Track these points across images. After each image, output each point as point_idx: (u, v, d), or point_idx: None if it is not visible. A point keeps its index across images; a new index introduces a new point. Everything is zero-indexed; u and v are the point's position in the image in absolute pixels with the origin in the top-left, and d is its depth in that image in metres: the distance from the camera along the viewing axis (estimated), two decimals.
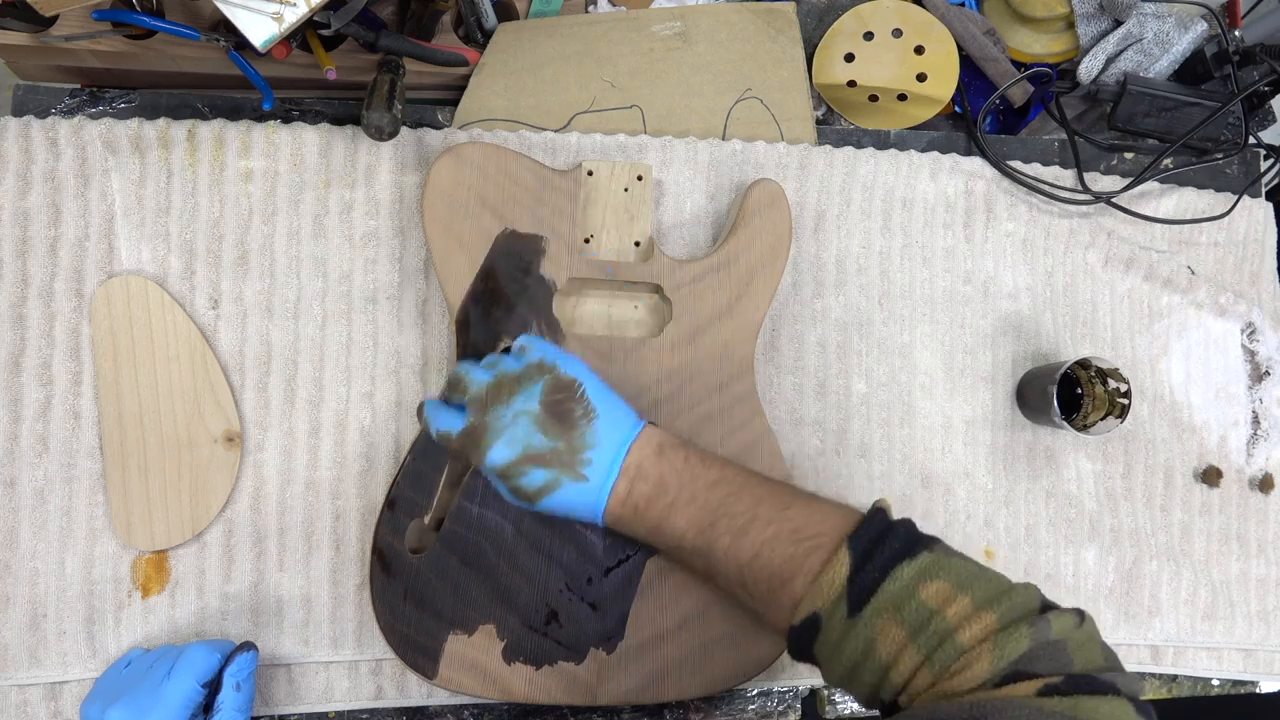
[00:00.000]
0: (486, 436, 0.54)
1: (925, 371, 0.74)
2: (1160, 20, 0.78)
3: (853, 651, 0.48)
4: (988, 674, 0.42)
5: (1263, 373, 0.81)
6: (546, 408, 0.54)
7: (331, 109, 0.72)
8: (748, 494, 0.54)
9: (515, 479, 0.54)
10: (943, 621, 0.45)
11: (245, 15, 0.54)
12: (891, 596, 0.47)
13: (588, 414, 0.55)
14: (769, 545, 0.51)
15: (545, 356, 0.56)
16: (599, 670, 0.62)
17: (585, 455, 0.54)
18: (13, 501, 0.63)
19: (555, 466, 0.54)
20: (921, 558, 0.48)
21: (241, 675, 0.57)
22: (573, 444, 0.54)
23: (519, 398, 0.55)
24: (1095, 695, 0.41)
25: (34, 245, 0.65)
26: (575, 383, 0.56)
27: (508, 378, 0.56)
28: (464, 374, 0.57)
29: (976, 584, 0.46)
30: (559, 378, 0.56)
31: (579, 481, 0.54)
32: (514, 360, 0.57)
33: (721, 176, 0.73)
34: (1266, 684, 0.79)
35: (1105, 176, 0.81)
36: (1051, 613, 0.45)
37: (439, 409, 0.58)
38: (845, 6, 0.78)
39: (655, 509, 0.54)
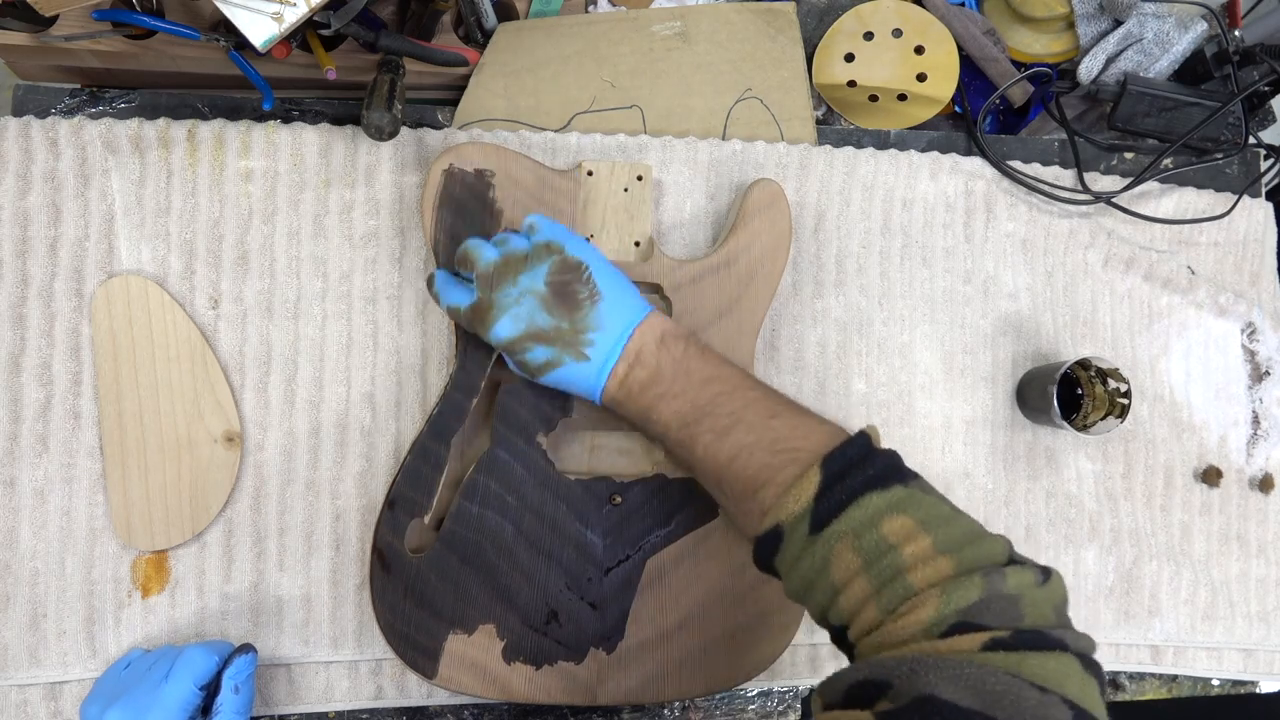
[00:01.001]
0: (492, 313, 0.56)
1: (925, 371, 0.74)
2: (1160, 20, 0.78)
3: (809, 569, 0.48)
4: (932, 619, 0.42)
5: (1263, 373, 0.81)
6: (552, 288, 0.56)
7: (331, 109, 0.72)
8: (738, 396, 0.54)
9: (519, 354, 0.56)
10: (897, 558, 0.44)
11: (245, 15, 0.54)
12: (853, 523, 0.46)
13: (593, 296, 0.56)
14: (747, 450, 0.51)
15: (554, 237, 0.57)
16: (599, 670, 0.63)
17: (588, 336, 0.55)
18: (13, 501, 0.63)
19: (558, 345, 0.56)
20: (894, 490, 0.47)
21: (240, 677, 0.57)
22: (576, 324, 0.56)
23: (525, 276, 0.56)
24: (1041, 651, 0.40)
25: (34, 245, 0.65)
26: (582, 265, 0.57)
27: (515, 256, 0.57)
28: (473, 250, 0.58)
29: (943, 527, 0.45)
30: (566, 259, 0.57)
31: (580, 361, 0.56)
32: (522, 239, 0.58)
33: (721, 176, 0.73)
34: (1266, 684, 0.79)
35: (1105, 176, 0.81)
36: (1012, 566, 0.44)
37: (449, 283, 0.59)
38: (845, 6, 0.78)
39: (647, 396, 0.55)
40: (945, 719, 0.37)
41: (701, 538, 0.64)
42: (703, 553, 0.64)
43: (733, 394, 0.54)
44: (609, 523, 0.64)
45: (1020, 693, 0.37)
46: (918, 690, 0.38)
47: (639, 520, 0.64)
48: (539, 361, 0.56)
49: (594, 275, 0.57)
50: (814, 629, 0.70)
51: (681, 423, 0.54)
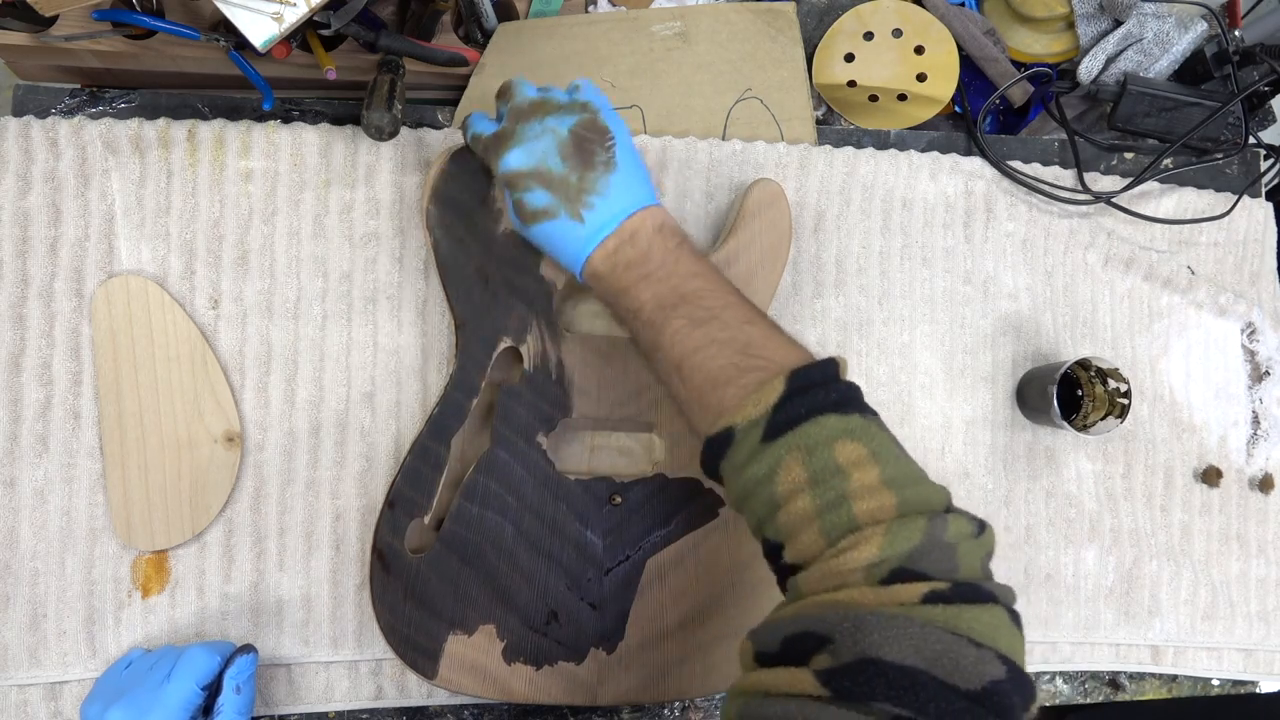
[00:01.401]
0: (510, 141, 0.56)
1: (925, 371, 0.74)
2: (1160, 20, 0.78)
3: (753, 475, 0.47)
4: (874, 558, 0.42)
5: (1263, 373, 0.81)
6: (574, 137, 0.56)
7: (331, 109, 0.72)
8: (720, 295, 0.54)
9: (520, 191, 0.56)
10: (845, 482, 0.44)
11: (245, 15, 0.54)
12: (807, 437, 0.46)
13: (609, 163, 0.56)
14: (717, 346, 0.51)
15: (593, 99, 0.58)
16: (599, 670, 0.63)
17: (590, 199, 0.55)
18: (13, 501, 0.63)
19: (559, 195, 0.55)
20: (853, 418, 0.47)
21: (241, 678, 0.57)
22: (583, 182, 0.55)
23: (553, 118, 0.56)
24: (976, 605, 0.41)
25: (34, 245, 0.65)
26: (609, 132, 0.56)
27: (551, 101, 0.57)
28: (514, 84, 0.59)
29: (892, 463, 0.46)
30: (597, 121, 0.57)
31: (575, 220, 0.55)
32: (564, 93, 0.58)
33: (721, 176, 0.73)
34: (1266, 684, 0.79)
35: (1105, 176, 0.81)
36: (952, 514, 0.44)
37: (481, 117, 0.60)
38: (845, 6, 0.78)
39: (630, 274, 0.54)
40: (890, 680, 0.37)
41: (701, 538, 0.64)
42: (703, 553, 0.64)
43: (715, 292, 0.54)
44: (609, 523, 0.64)
45: (959, 649, 0.38)
46: (861, 651, 0.39)
47: (639, 520, 0.64)
48: (535, 206, 0.55)
49: (617, 147, 0.56)
50: None
51: (658, 305, 0.53)
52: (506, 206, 0.58)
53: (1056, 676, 0.75)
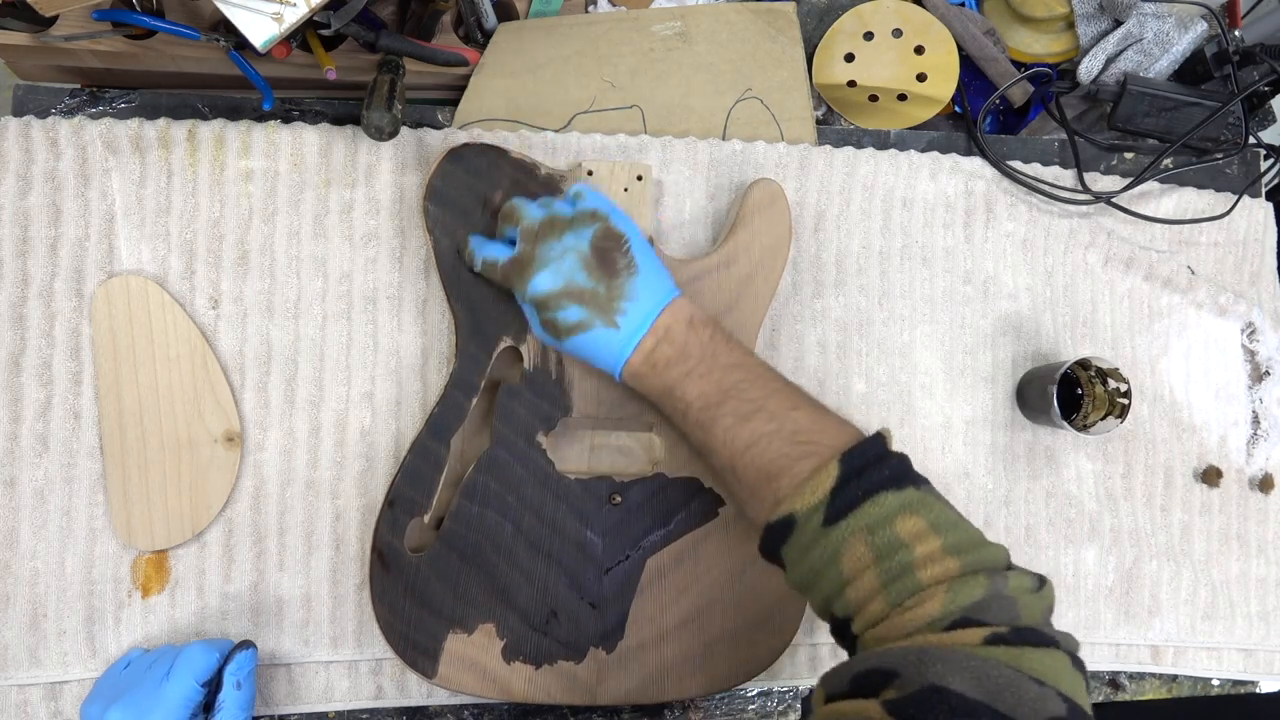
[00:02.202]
0: (533, 265, 0.57)
1: (925, 371, 0.74)
2: (1160, 20, 0.78)
3: (818, 559, 0.49)
4: (938, 613, 0.43)
5: (1263, 373, 0.81)
6: (595, 250, 0.56)
7: (331, 109, 0.72)
8: (762, 384, 0.55)
9: (552, 311, 0.56)
10: (909, 555, 0.46)
11: (245, 15, 0.54)
12: (868, 518, 0.48)
13: (630, 267, 0.57)
14: (767, 439, 0.52)
15: (599, 206, 0.58)
16: (599, 670, 0.63)
17: (621, 304, 0.56)
18: (13, 501, 0.63)
19: (591, 307, 0.56)
20: (908, 492, 0.49)
21: (242, 674, 0.57)
22: (612, 290, 0.56)
23: (570, 235, 0.57)
24: (1038, 647, 0.42)
25: (34, 245, 0.65)
26: (624, 236, 0.57)
27: (560, 217, 0.58)
28: (519, 207, 0.59)
29: (952, 531, 0.47)
30: (610, 228, 0.57)
31: (610, 328, 0.56)
32: (567, 204, 0.59)
33: (721, 176, 0.73)
34: (1266, 684, 0.79)
35: (1105, 176, 0.81)
36: (1012, 571, 0.46)
37: (484, 242, 0.61)
38: (845, 6, 0.78)
39: (672, 373, 0.56)
40: (953, 708, 0.38)
41: (701, 537, 0.64)
42: (703, 552, 0.64)
43: (756, 381, 0.55)
44: (609, 522, 0.64)
45: (1021, 685, 0.39)
46: (926, 680, 0.39)
47: (639, 520, 0.64)
48: (569, 322, 0.56)
49: (633, 249, 0.57)
50: (814, 629, 0.70)
51: (704, 403, 0.55)
52: (531, 324, 0.59)
53: None
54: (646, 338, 0.56)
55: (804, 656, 0.70)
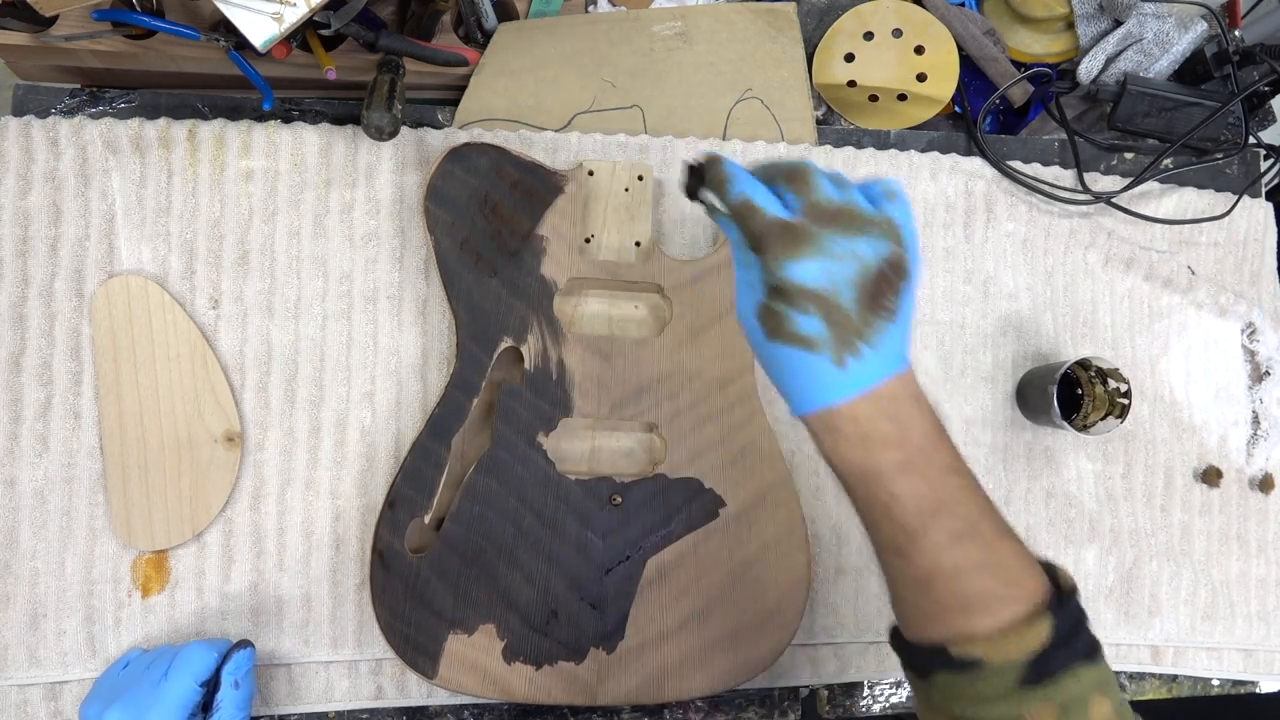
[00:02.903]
0: (807, 246, 0.45)
1: (925, 371, 0.74)
2: (1160, 20, 0.78)
3: (997, 714, 0.46)
4: None
5: (1263, 373, 0.81)
6: (878, 275, 0.46)
7: (331, 109, 0.72)
8: (974, 499, 0.49)
9: (792, 306, 0.45)
10: None
11: (245, 15, 0.54)
12: (1066, 694, 0.46)
13: (893, 312, 0.46)
14: (977, 569, 0.47)
15: (905, 228, 0.47)
16: (599, 670, 0.62)
17: (862, 346, 0.46)
18: (13, 501, 0.63)
19: (833, 330, 0.45)
20: (1100, 666, 0.47)
21: (240, 673, 0.57)
22: (863, 324, 0.46)
23: (863, 241, 0.45)
24: None
25: (34, 245, 0.65)
26: (908, 277, 0.47)
27: (859, 213, 0.46)
28: (812, 173, 0.47)
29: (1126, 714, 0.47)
30: (902, 259, 0.46)
31: (836, 365, 0.46)
32: (867, 199, 0.47)
33: None
34: (1266, 684, 0.79)
35: (1105, 176, 0.81)
36: None
37: (759, 186, 0.47)
38: (845, 6, 0.78)
39: (887, 456, 0.47)
40: None
41: (702, 538, 0.64)
42: (703, 553, 0.64)
43: (970, 495, 0.49)
44: (609, 523, 0.64)
45: None
46: None
47: (639, 520, 0.64)
48: (800, 330, 0.45)
49: (907, 294, 0.47)
50: (814, 630, 0.70)
51: (917, 508, 0.47)
52: (742, 296, 0.48)
53: None
54: (866, 397, 0.46)
55: (804, 656, 0.70)
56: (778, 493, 0.66)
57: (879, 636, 0.71)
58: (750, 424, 0.66)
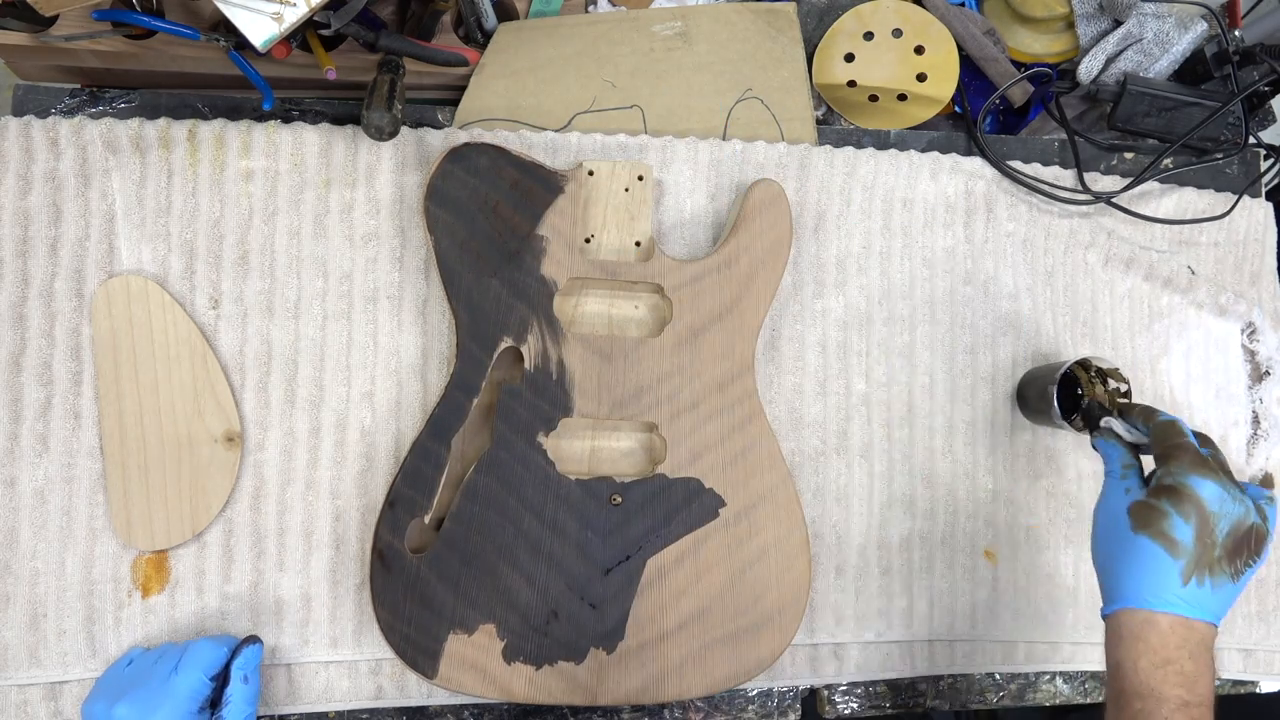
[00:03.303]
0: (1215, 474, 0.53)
1: (926, 371, 0.74)
2: (1160, 20, 0.78)
3: None
4: None
5: (1263, 373, 0.81)
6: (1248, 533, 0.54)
7: (331, 109, 0.72)
8: None
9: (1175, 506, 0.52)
10: None
11: (245, 15, 0.54)
12: None
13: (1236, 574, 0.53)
14: None
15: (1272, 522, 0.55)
16: (599, 670, 0.63)
17: (1208, 580, 0.52)
18: (13, 501, 0.63)
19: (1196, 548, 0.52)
20: None
21: (249, 667, 0.57)
22: (1216, 565, 0.52)
23: (1249, 504, 0.54)
24: None
25: (34, 245, 0.65)
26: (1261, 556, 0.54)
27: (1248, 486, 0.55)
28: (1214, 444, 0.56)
29: None
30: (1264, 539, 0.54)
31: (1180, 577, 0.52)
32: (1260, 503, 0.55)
33: (722, 177, 0.73)
34: (1266, 684, 0.79)
35: (1105, 176, 0.81)
36: None
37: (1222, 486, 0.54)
38: (845, 6, 0.78)
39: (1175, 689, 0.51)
40: None
41: (702, 538, 0.64)
42: (703, 553, 0.64)
43: None
44: (609, 523, 0.64)
45: None
46: None
47: (639, 520, 0.64)
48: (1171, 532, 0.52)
49: (1252, 571, 0.54)
50: (814, 629, 0.70)
51: None
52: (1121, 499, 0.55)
53: (1056, 676, 0.75)
54: (1181, 623, 0.52)
55: (804, 656, 0.70)
56: (778, 493, 0.66)
57: (879, 636, 0.71)
58: (750, 424, 0.66)
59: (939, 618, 0.72)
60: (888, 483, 0.73)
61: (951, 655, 0.72)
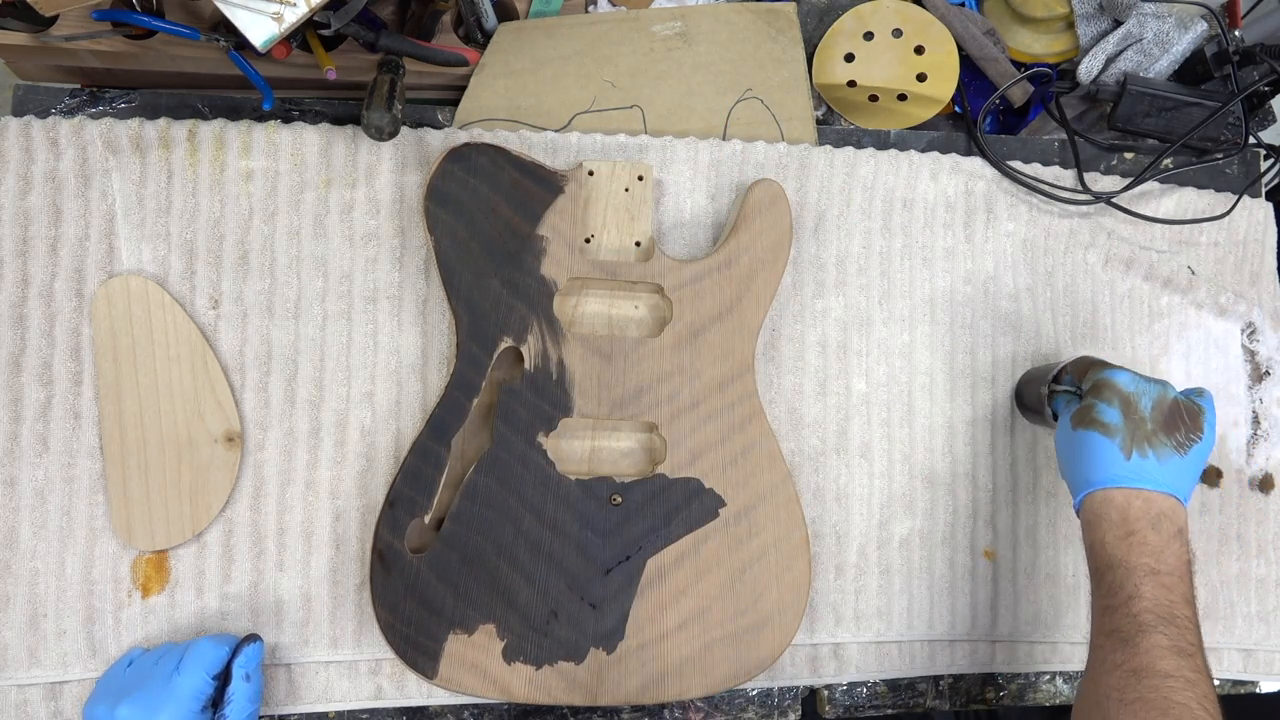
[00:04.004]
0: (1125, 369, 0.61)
1: (925, 372, 0.74)
2: (1160, 20, 0.78)
3: None
4: None
5: (1263, 373, 0.81)
6: (1174, 404, 0.60)
7: (331, 109, 0.72)
8: (1197, 632, 0.55)
9: (1098, 397, 0.60)
10: None
11: (245, 15, 0.54)
12: None
13: (1181, 447, 0.58)
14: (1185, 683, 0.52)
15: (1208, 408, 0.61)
16: (599, 670, 0.63)
17: (1149, 452, 0.58)
18: (13, 501, 0.63)
19: (1128, 425, 0.58)
20: None
21: (250, 666, 0.57)
22: (1153, 437, 0.58)
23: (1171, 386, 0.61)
24: None
25: (34, 245, 0.65)
26: (1201, 433, 0.59)
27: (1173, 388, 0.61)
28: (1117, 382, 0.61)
29: None
30: (1199, 418, 0.60)
31: (1122, 453, 0.58)
32: None
33: (722, 177, 0.73)
34: (1266, 684, 0.79)
35: (1105, 176, 0.81)
36: None
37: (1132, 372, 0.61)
38: (845, 6, 0.78)
39: (1141, 558, 0.55)
40: None
41: (702, 538, 0.64)
42: (703, 553, 0.64)
43: (1195, 627, 0.55)
44: (609, 523, 0.64)
45: None
46: None
47: (639, 520, 0.64)
48: (1100, 417, 0.59)
49: (1197, 446, 0.59)
50: (814, 629, 0.70)
51: (1154, 610, 0.54)
52: (1054, 400, 0.64)
53: (1056, 676, 0.75)
54: (1139, 496, 0.57)
55: (804, 656, 0.70)
56: (778, 493, 0.66)
57: (879, 636, 0.71)
58: (750, 424, 0.66)
59: (939, 618, 0.72)
60: (888, 483, 0.73)
61: (951, 655, 0.72)
